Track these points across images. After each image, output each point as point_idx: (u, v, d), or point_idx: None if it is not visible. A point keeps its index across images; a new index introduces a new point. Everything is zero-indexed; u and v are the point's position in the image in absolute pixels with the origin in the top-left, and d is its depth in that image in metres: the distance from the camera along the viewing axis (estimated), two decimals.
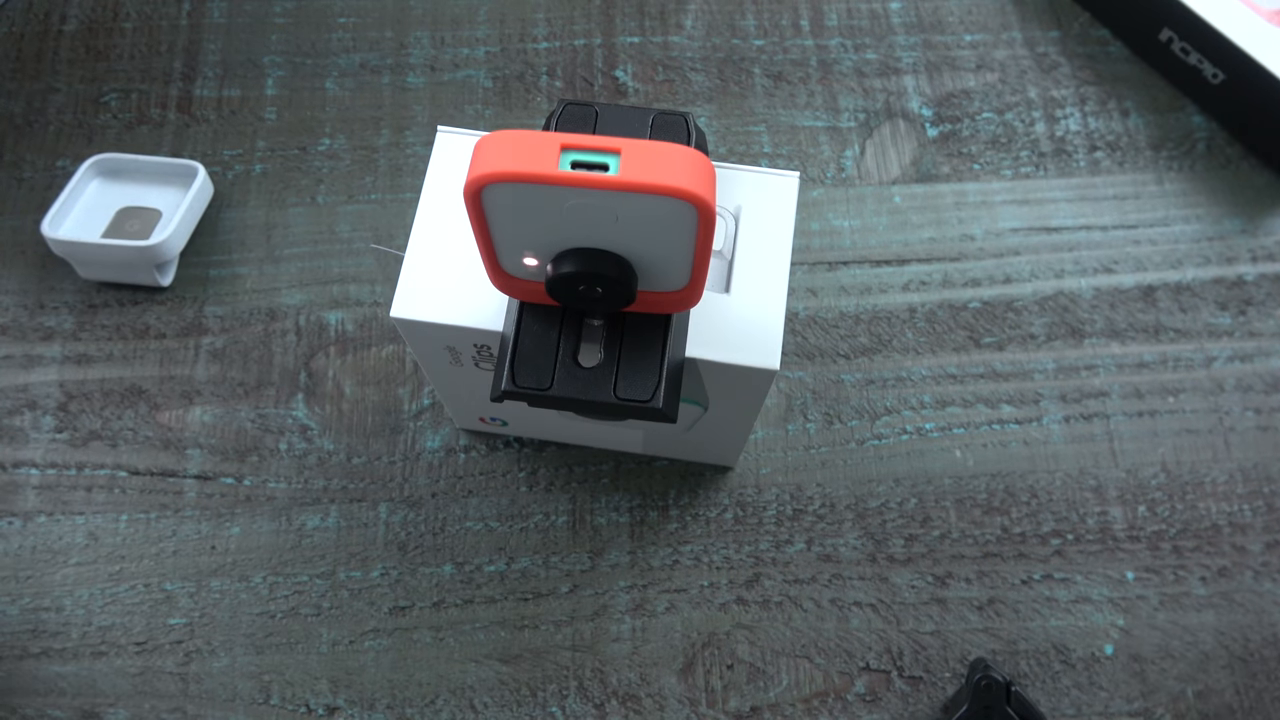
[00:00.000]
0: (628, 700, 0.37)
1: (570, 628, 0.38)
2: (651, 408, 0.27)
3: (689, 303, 0.27)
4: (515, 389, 0.27)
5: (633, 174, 0.22)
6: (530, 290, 0.27)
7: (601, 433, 0.38)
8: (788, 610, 0.38)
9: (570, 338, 0.28)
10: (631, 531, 0.39)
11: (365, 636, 0.38)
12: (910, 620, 0.38)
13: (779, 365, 0.29)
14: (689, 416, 0.35)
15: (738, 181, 0.32)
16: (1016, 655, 0.37)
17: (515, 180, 0.23)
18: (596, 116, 0.28)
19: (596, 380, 0.27)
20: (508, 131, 0.23)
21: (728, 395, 0.32)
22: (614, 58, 0.48)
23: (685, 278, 0.26)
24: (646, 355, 0.28)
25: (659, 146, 0.23)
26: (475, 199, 0.23)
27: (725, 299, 0.30)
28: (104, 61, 0.48)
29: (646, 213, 0.24)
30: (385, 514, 0.39)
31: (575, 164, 0.23)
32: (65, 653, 0.37)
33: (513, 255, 0.26)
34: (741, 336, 0.30)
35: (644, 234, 0.24)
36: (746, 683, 0.37)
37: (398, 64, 0.48)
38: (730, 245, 0.31)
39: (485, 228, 0.25)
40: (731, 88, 0.47)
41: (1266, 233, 0.44)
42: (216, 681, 0.37)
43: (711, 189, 0.23)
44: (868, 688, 0.37)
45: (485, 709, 0.37)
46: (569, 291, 0.26)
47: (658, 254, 0.25)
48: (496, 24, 0.49)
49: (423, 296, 0.30)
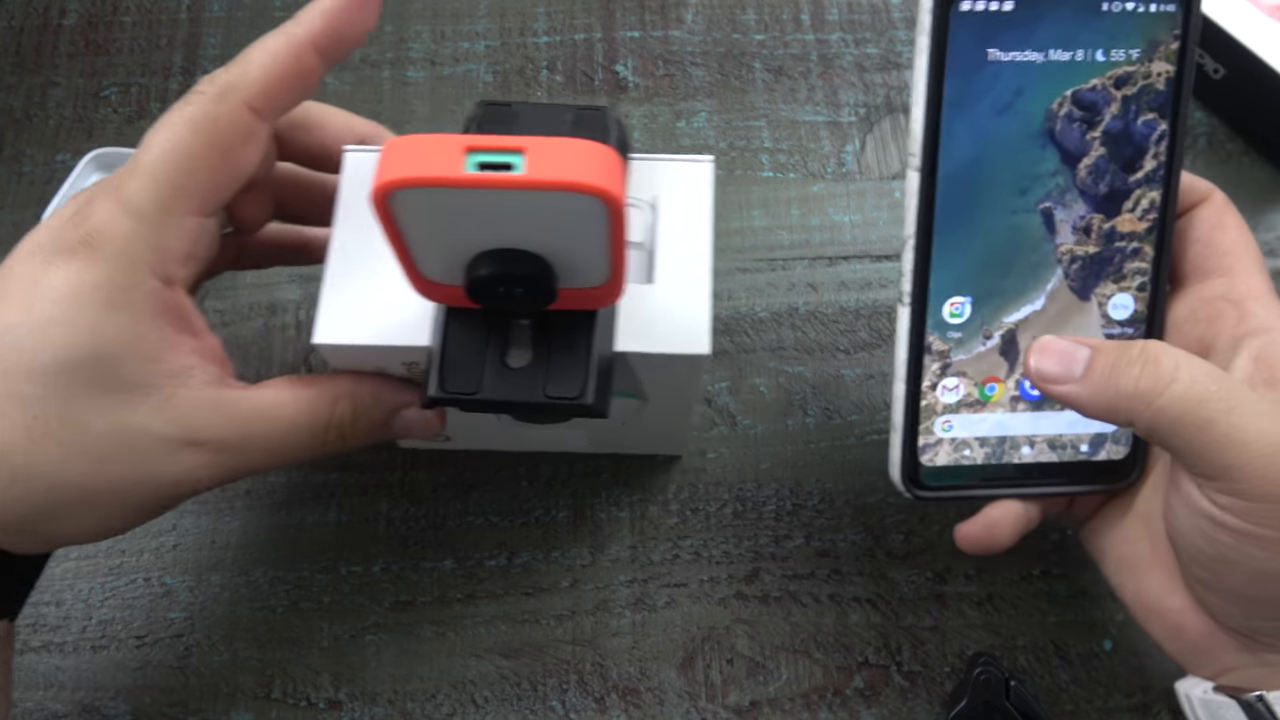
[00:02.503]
0: (628, 694, 0.37)
1: (571, 622, 0.38)
2: (581, 404, 0.27)
3: (612, 297, 0.27)
4: (444, 394, 0.27)
5: (537, 172, 0.22)
6: (455, 295, 0.27)
7: (546, 436, 0.38)
8: (787, 605, 0.38)
9: (498, 340, 0.28)
10: (632, 526, 0.39)
11: (366, 631, 0.38)
12: (909, 615, 0.38)
13: (709, 350, 0.29)
14: (628, 410, 0.35)
15: (653, 171, 0.32)
16: (1015, 651, 0.37)
17: (421, 185, 0.22)
18: (516, 116, 0.28)
19: (526, 381, 0.27)
20: (413, 135, 0.23)
21: (663, 385, 0.32)
22: (614, 52, 0.48)
23: (605, 273, 0.26)
24: (574, 353, 0.28)
25: (564, 143, 0.23)
26: (384, 206, 0.23)
27: (650, 290, 0.30)
28: (104, 55, 0.48)
29: (556, 210, 0.23)
30: (386, 508, 0.40)
31: (481, 165, 0.22)
32: (65, 646, 0.37)
33: (431, 261, 0.26)
34: (669, 325, 0.30)
35: (557, 231, 0.24)
36: (746, 677, 0.37)
37: (398, 58, 0.48)
38: (650, 236, 0.31)
39: (399, 235, 0.25)
40: (732, 82, 0.47)
41: (1267, 228, 0.44)
42: (217, 675, 0.37)
43: (618, 182, 0.23)
44: (867, 683, 0.37)
45: (486, 703, 0.37)
46: (489, 293, 0.26)
47: (573, 250, 0.25)
48: (497, 18, 0.49)
49: (346, 319, 0.29)
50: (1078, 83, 0.30)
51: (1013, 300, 0.31)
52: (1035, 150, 0.30)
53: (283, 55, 0.27)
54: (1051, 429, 0.32)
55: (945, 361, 0.31)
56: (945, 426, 0.32)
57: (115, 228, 0.26)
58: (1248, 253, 0.31)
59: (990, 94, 0.30)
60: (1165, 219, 0.31)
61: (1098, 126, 0.30)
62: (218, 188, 0.28)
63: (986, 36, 0.29)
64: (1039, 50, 0.29)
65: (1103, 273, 0.31)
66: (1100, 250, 0.31)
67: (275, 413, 0.29)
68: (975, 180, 0.30)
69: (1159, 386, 0.27)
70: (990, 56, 0.29)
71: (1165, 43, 0.30)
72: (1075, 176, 0.30)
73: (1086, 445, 0.32)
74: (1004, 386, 0.32)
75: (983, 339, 0.31)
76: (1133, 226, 0.31)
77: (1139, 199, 0.31)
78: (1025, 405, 0.32)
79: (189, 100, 0.27)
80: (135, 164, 0.27)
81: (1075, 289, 0.31)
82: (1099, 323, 0.32)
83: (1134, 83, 0.30)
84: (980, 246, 0.31)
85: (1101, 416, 0.28)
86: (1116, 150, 0.30)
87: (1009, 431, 0.32)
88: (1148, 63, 0.30)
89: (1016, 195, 0.31)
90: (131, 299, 0.26)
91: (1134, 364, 0.27)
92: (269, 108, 0.28)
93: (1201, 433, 0.26)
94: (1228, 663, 0.29)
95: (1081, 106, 0.30)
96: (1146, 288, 0.31)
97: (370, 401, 0.31)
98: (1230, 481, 0.26)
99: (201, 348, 0.28)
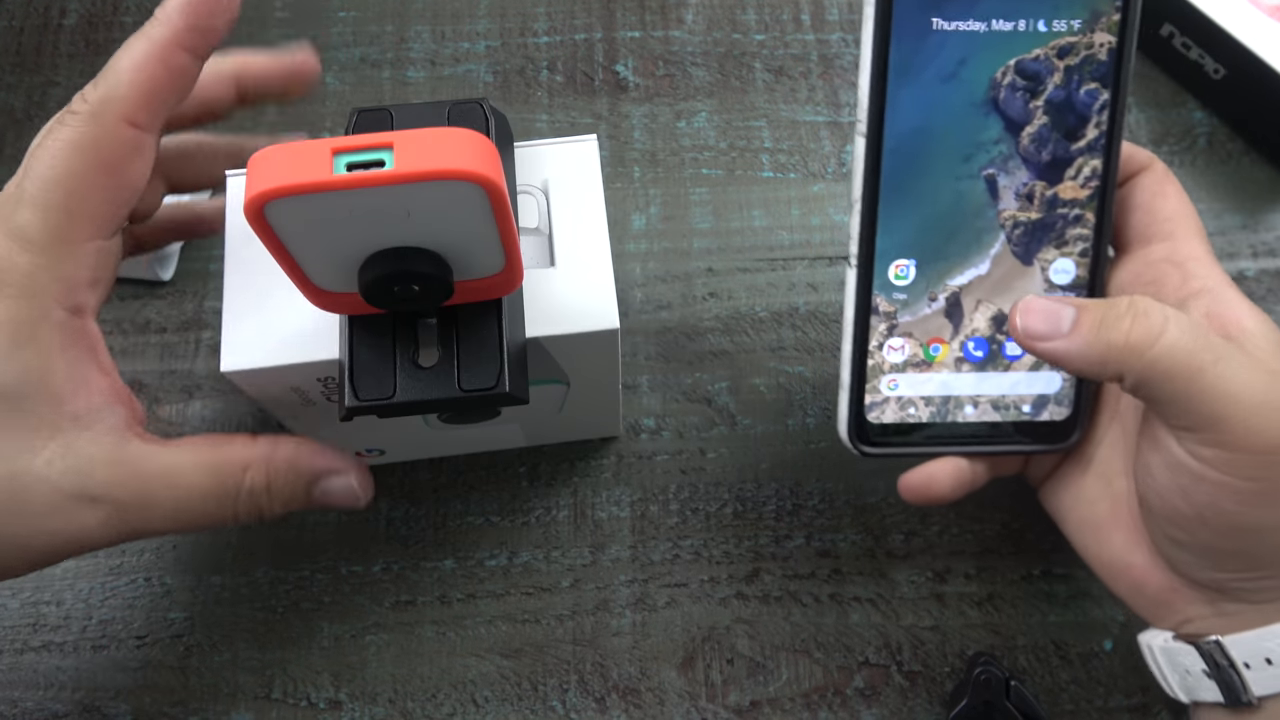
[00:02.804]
0: (628, 694, 0.37)
1: (571, 622, 0.38)
2: (499, 393, 0.27)
3: (513, 283, 0.27)
4: (360, 404, 0.27)
5: (407, 165, 0.22)
6: (353, 303, 0.27)
7: (481, 436, 0.38)
8: (787, 605, 0.38)
9: (406, 342, 0.27)
10: (632, 526, 0.39)
11: (367, 631, 0.38)
12: (909, 615, 0.38)
13: (618, 323, 0.30)
14: (556, 396, 0.35)
15: (538, 157, 0.32)
16: (1015, 651, 0.37)
17: (291, 193, 0.22)
18: (391, 118, 0.28)
19: (439, 378, 0.27)
20: (279, 145, 0.23)
21: (583, 365, 0.32)
22: (615, 52, 0.48)
23: (499, 259, 0.26)
24: (485, 343, 0.27)
25: (431, 133, 0.23)
26: (259, 219, 0.23)
27: (552, 273, 0.30)
28: (104, 55, 0.48)
29: (434, 200, 0.23)
30: (386, 508, 0.40)
31: (350, 165, 0.22)
32: (65, 646, 0.37)
33: (321, 271, 0.26)
34: (576, 305, 0.30)
35: (441, 223, 0.24)
36: (746, 677, 0.37)
37: (398, 58, 0.48)
38: (545, 220, 0.31)
39: (282, 248, 0.24)
40: (732, 82, 0.47)
41: (1267, 228, 0.44)
42: (218, 675, 0.37)
43: (492, 164, 0.23)
44: (867, 682, 0.37)
45: (486, 703, 0.37)
46: (386, 295, 0.26)
47: (463, 240, 0.25)
48: (497, 18, 0.49)
49: (251, 343, 0.29)
50: (1021, 52, 0.30)
51: (957, 264, 0.32)
52: (979, 118, 0.31)
53: (150, 61, 0.26)
54: (995, 389, 0.33)
55: (892, 322, 0.32)
56: (891, 385, 0.33)
57: (13, 263, 0.25)
58: (1188, 219, 0.32)
59: (935, 63, 0.30)
60: (1106, 186, 0.32)
61: (1040, 95, 0.31)
62: (113, 208, 0.27)
63: (931, 6, 0.30)
64: (982, 20, 0.30)
65: (1045, 238, 0.32)
66: (1043, 216, 0.32)
67: (178, 478, 0.27)
68: (920, 147, 0.31)
69: (1150, 338, 0.27)
70: (935, 26, 0.30)
71: (1107, 14, 0.30)
72: (1018, 144, 0.31)
73: (1029, 406, 0.33)
74: (948, 347, 0.33)
75: (928, 301, 0.32)
76: (1075, 193, 0.32)
77: (1081, 167, 0.31)
78: (969, 366, 0.33)
79: (64, 121, 0.26)
80: (20, 193, 0.26)
81: (1018, 253, 0.32)
82: (1041, 286, 0.32)
83: (1076, 53, 0.31)
84: (925, 211, 0.32)
85: (1090, 371, 0.29)
86: (1059, 119, 0.31)
87: (953, 391, 0.33)
88: (1090, 34, 0.30)
89: (960, 162, 0.31)
90: (38, 333, 0.25)
91: (1123, 317, 0.28)
92: (148, 118, 0.27)
93: (1190, 383, 0.27)
94: (1188, 614, 0.30)
95: (1024, 76, 0.31)
96: (1088, 253, 0.32)
97: (286, 469, 0.29)
98: (1215, 433, 0.27)
99: (109, 387, 0.27)
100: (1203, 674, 0.30)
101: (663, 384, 0.42)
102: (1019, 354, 0.33)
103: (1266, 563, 0.29)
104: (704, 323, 0.42)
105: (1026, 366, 0.33)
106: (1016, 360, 0.33)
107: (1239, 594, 0.29)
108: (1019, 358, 0.33)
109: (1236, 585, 0.29)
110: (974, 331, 0.33)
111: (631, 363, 0.42)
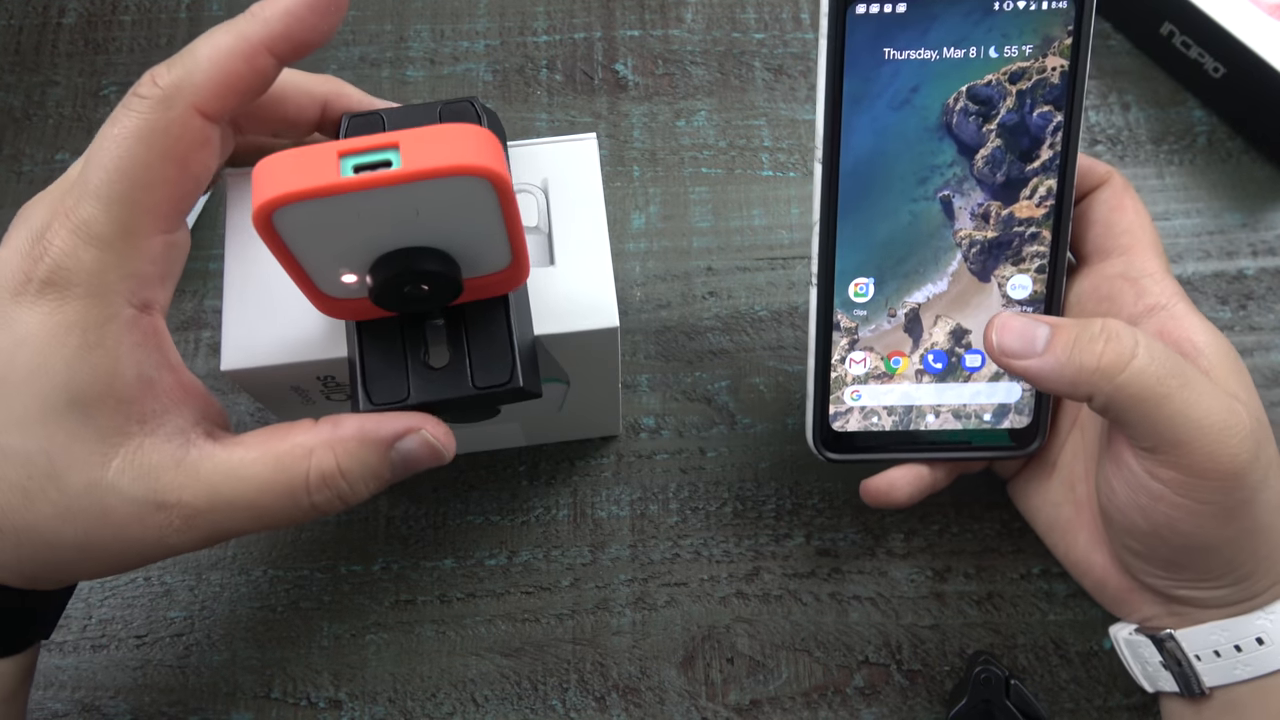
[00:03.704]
0: (628, 693, 0.37)
1: (571, 621, 0.38)
2: (513, 388, 0.27)
3: (520, 278, 0.27)
4: (374, 408, 0.27)
5: (415, 163, 0.22)
6: (360, 308, 0.27)
7: (482, 434, 0.38)
8: (787, 604, 0.38)
9: (415, 343, 0.27)
10: (632, 525, 0.39)
11: (367, 630, 0.38)
12: (909, 614, 0.38)
13: (618, 322, 0.30)
14: (556, 394, 0.35)
15: (536, 156, 0.32)
16: (1015, 649, 0.37)
17: (300, 199, 0.22)
18: (383, 122, 0.28)
19: (452, 377, 0.27)
20: (283, 151, 0.22)
21: (583, 363, 0.33)
22: (614, 51, 0.48)
23: (506, 253, 0.26)
24: (495, 338, 0.27)
25: (436, 130, 0.22)
26: (267, 227, 0.23)
27: (552, 271, 0.30)
28: (103, 54, 0.48)
29: (442, 197, 0.23)
30: (386, 507, 0.40)
31: (357, 167, 0.22)
32: (65, 646, 0.37)
33: (328, 277, 0.26)
34: (576, 303, 0.30)
35: (449, 220, 0.24)
36: (746, 676, 0.37)
37: (397, 57, 0.48)
38: (545, 219, 0.31)
39: (289, 255, 0.24)
40: (732, 81, 0.47)
41: (1267, 227, 0.44)
42: (217, 675, 0.37)
43: (498, 158, 0.23)
44: (867, 681, 0.37)
45: (486, 702, 0.37)
46: (396, 297, 0.26)
47: (470, 237, 0.25)
48: (496, 17, 0.49)
49: (251, 342, 0.29)
50: (973, 78, 0.31)
51: (915, 281, 0.33)
52: (933, 142, 0.32)
53: (235, 56, 0.25)
54: (955, 400, 0.34)
55: (853, 337, 0.34)
56: (854, 396, 0.34)
57: (79, 261, 0.24)
58: (1144, 232, 0.33)
59: (888, 90, 0.31)
60: (1062, 205, 0.32)
61: (993, 119, 0.32)
62: (179, 201, 0.26)
63: (883, 36, 0.31)
64: (933, 48, 0.31)
65: (1002, 256, 0.33)
66: (999, 235, 0.33)
67: (243, 475, 0.26)
68: (876, 171, 0.32)
69: (1121, 362, 0.28)
70: (887, 55, 0.31)
71: (1059, 38, 0.31)
72: (973, 166, 0.32)
73: (989, 415, 0.34)
74: (908, 360, 0.34)
75: (887, 317, 0.33)
76: (1030, 212, 0.32)
77: (1036, 186, 0.32)
78: (930, 378, 0.34)
79: (131, 105, 0.25)
80: (85, 185, 0.25)
81: (975, 271, 0.33)
82: (999, 302, 0.33)
83: (1029, 77, 0.31)
84: (882, 232, 0.33)
85: (1061, 390, 0.29)
86: (1013, 141, 0.32)
87: (914, 401, 0.34)
88: (1042, 58, 0.31)
89: (916, 184, 0.32)
90: (106, 335, 0.25)
91: (1096, 340, 0.28)
92: (219, 111, 0.25)
93: (1157, 408, 0.28)
94: (1146, 612, 0.32)
95: (977, 101, 0.31)
96: (1045, 270, 0.33)
97: (354, 444, 0.27)
98: (1176, 455, 0.28)
99: (177, 385, 0.27)
100: (1160, 665, 0.31)
101: (662, 383, 0.42)
102: (978, 365, 0.34)
103: (1217, 574, 0.30)
104: (704, 322, 0.42)
105: (986, 377, 0.34)
106: (976, 371, 0.34)
107: (1190, 600, 0.31)
108: (979, 369, 0.34)
109: (1187, 593, 0.30)
110: (933, 345, 0.34)
111: (631, 362, 0.42)
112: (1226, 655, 0.30)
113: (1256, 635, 0.29)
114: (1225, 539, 0.29)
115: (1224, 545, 0.29)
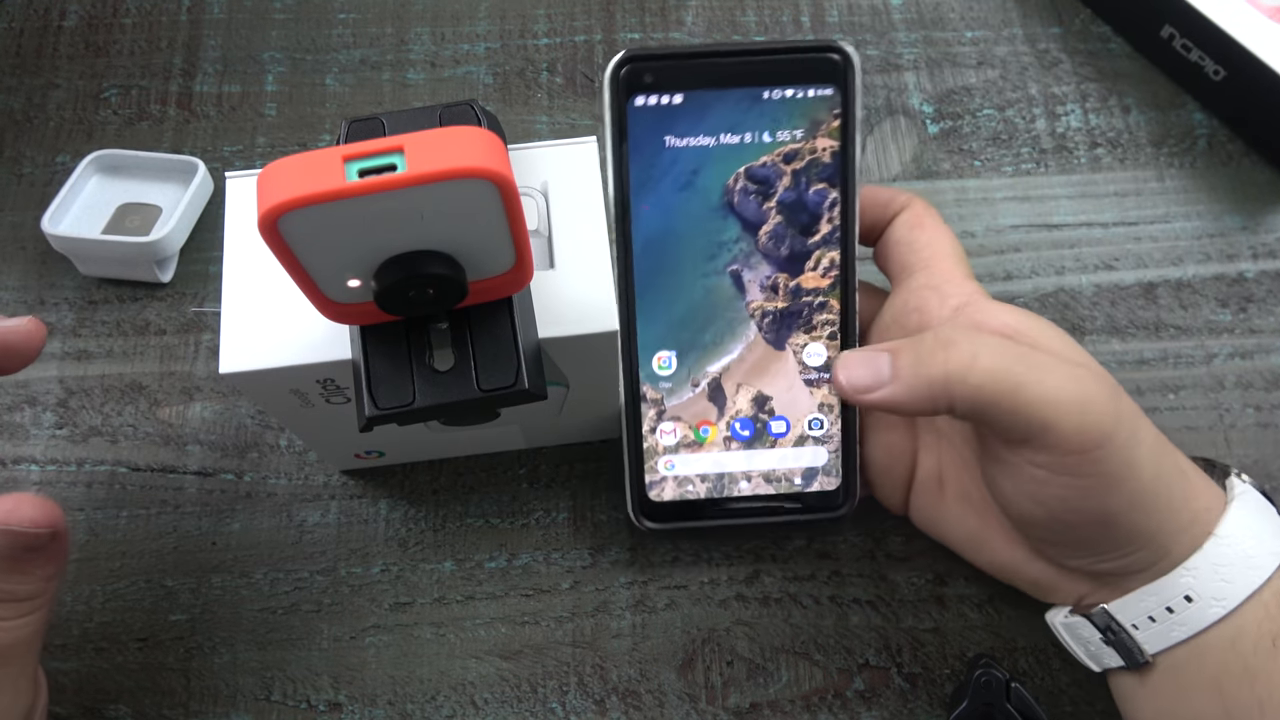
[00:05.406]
0: (628, 696, 0.37)
1: (571, 624, 0.38)
2: (519, 390, 0.27)
3: (524, 279, 0.27)
4: (380, 413, 0.27)
5: (420, 166, 0.22)
6: (365, 312, 0.27)
7: (482, 437, 0.38)
8: (787, 607, 0.38)
9: (420, 347, 0.27)
10: (632, 528, 0.39)
11: (366, 632, 0.38)
12: (910, 617, 0.38)
13: (618, 325, 0.31)
14: (556, 398, 0.35)
15: (537, 159, 0.32)
16: (1016, 653, 0.37)
17: (306, 204, 0.22)
18: (384, 126, 0.28)
19: (458, 381, 0.27)
20: (287, 157, 0.22)
21: (583, 367, 0.33)
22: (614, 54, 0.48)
23: (510, 255, 0.26)
24: (500, 341, 0.27)
25: (440, 133, 0.23)
26: (272, 233, 0.23)
27: (553, 274, 0.31)
28: (104, 57, 0.48)
29: (448, 200, 0.23)
30: (386, 510, 0.40)
31: (362, 172, 0.22)
32: (67, 649, 0.37)
33: (333, 281, 0.26)
34: (577, 307, 0.30)
35: (454, 222, 0.24)
36: (746, 679, 0.37)
37: (398, 60, 0.48)
38: (545, 222, 0.31)
39: (294, 260, 0.24)
40: None
41: (1267, 229, 0.44)
42: (218, 678, 0.37)
43: (502, 160, 0.23)
44: (867, 684, 0.37)
45: (486, 705, 0.37)
46: (401, 301, 0.26)
47: (475, 239, 0.25)
48: (497, 20, 0.49)
49: (250, 345, 0.29)
50: (749, 160, 0.33)
51: (714, 352, 0.34)
52: (718, 221, 0.33)
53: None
54: (765, 465, 0.35)
55: (660, 408, 0.34)
56: (668, 465, 0.35)
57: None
58: (943, 244, 0.34)
59: (670, 174, 0.33)
60: (847, 275, 0.34)
61: (772, 198, 0.33)
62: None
63: (662, 125, 0.33)
64: (710, 135, 0.33)
65: (794, 324, 0.34)
66: (789, 305, 0.34)
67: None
68: (667, 249, 0.33)
69: (965, 363, 0.28)
70: (668, 143, 0.33)
71: (827, 121, 0.33)
72: (757, 242, 0.34)
73: (799, 478, 0.35)
74: (716, 429, 0.35)
75: (691, 387, 0.34)
76: (817, 283, 0.34)
77: (819, 258, 0.34)
78: (738, 444, 0.35)
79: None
80: None
81: (770, 340, 0.34)
82: (795, 369, 0.34)
83: (801, 158, 0.33)
84: (678, 306, 0.34)
85: (922, 409, 0.30)
86: (793, 217, 0.33)
87: (726, 468, 0.35)
88: (813, 140, 0.33)
89: (706, 260, 0.34)
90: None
91: (935, 351, 0.29)
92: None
93: (1013, 398, 0.28)
94: (1078, 593, 0.33)
95: (755, 181, 0.33)
96: (836, 336, 0.34)
97: None
98: (1045, 438, 0.28)
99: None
100: (1102, 643, 0.32)
101: None
102: (784, 431, 0.34)
103: (1126, 541, 0.30)
104: None
105: (792, 442, 0.34)
106: (782, 437, 0.35)
107: (1114, 571, 0.31)
108: (784, 434, 0.34)
109: (1108, 566, 0.31)
110: (738, 413, 0.34)
111: None
112: (1161, 619, 0.30)
113: (1184, 593, 0.29)
114: (1120, 505, 0.29)
115: (1121, 512, 0.29)
